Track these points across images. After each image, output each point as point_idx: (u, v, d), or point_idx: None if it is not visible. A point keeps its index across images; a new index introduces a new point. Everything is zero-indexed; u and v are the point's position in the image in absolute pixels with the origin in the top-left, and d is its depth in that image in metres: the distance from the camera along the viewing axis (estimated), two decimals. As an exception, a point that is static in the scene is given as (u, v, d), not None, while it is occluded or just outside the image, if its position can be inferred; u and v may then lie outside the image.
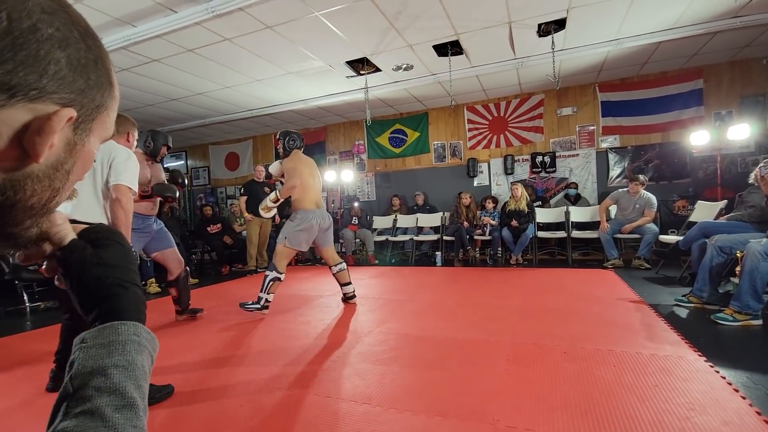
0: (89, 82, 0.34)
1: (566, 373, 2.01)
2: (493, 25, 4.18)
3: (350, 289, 3.73)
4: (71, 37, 0.32)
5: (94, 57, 0.34)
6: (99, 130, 0.38)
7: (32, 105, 0.30)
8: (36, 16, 0.30)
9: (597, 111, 6.29)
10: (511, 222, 5.64)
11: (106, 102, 0.37)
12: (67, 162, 0.36)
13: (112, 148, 2.10)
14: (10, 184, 0.32)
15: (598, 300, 3.42)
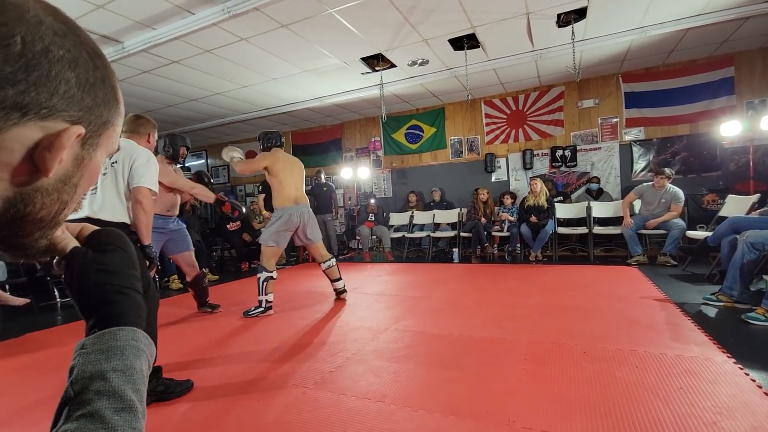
0: (96, 99, 0.35)
1: (586, 373, 1.96)
2: (511, 17, 4.08)
3: (341, 284, 3.80)
4: (80, 57, 0.34)
5: (101, 76, 0.36)
6: (105, 145, 0.39)
7: (43, 123, 0.31)
8: (48, 39, 0.31)
9: (620, 102, 6.08)
10: (530, 218, 5.53)
11: (113, 118, 0.38)
12: (75, 176, 0.37)
13: (133, 149, 2.14)
14: (20, 198, 0.33)
15: (620, 298, 3.32)
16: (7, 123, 0.29)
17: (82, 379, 0.37)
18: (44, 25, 0.31)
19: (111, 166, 2.07)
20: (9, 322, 3.52)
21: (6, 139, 0.30)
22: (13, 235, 0.36)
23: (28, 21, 0.30)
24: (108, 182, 2.05)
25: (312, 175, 8.05)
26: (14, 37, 0.29)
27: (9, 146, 0.30)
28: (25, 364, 2.58)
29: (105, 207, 2.02)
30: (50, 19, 0.32)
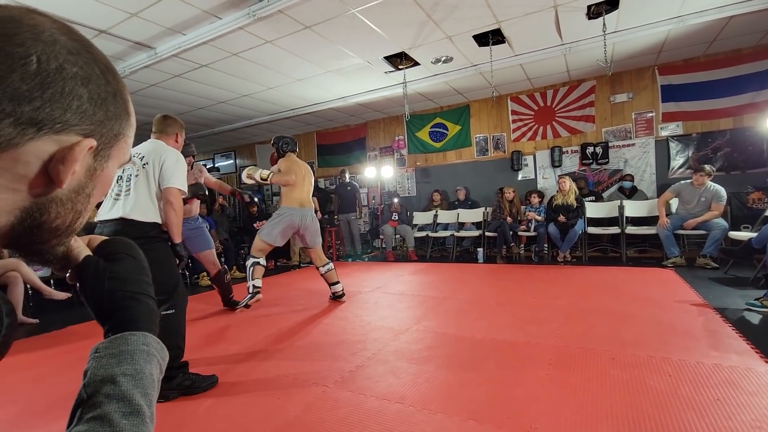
0: (108, 113, 0.37)
1: (614, 381, 1.88)
2: (538, 11, 3.96)
3: (339, 288, 3.79)
4: (93, 74, 0.35)
5: (113, 90, 0.37)
6: (117, 156, 0.41)
7: (57, 137, 0.33)
8: (62, 57, 0.33)
9: (656, 96, 5.79)
10: (557, 217, 5.36)
11: (124, 130, 0.40)
12: (88, 186, 0.39)
13: (162, 150, 2.19)
14: (36, 208, 0.35)
15: (654, 302, 3.17)
16: (23, 138, 0.31)
17: (94, 383, 0.38)
18: (59, 44, 0.33)
19: (143, 168, 2.13)
20: (52, 315, 3.75)
21: (22, 153, 0.32)
22: (31, 243, 0.38)
23: (43, 41, 0.32)
24: (140, 183, 2.10)
25: (336, 175, 8.13)
26: (30, 56, 0.31)
27: (25, 159, 0.32)
28: (66, 356, 2.74)
29: (137, 208, 2.07)
30: (64, 38, 0.34)
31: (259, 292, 3.46)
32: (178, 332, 2.10)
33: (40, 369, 2.50)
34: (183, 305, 2.17)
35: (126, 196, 2.08)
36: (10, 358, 2.65)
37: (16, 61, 0.30)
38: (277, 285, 4.96)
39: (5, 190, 0.32)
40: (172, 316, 2.06)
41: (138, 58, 4.36)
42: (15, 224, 0.35)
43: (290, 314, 3.47)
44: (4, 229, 0.34)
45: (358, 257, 7.08)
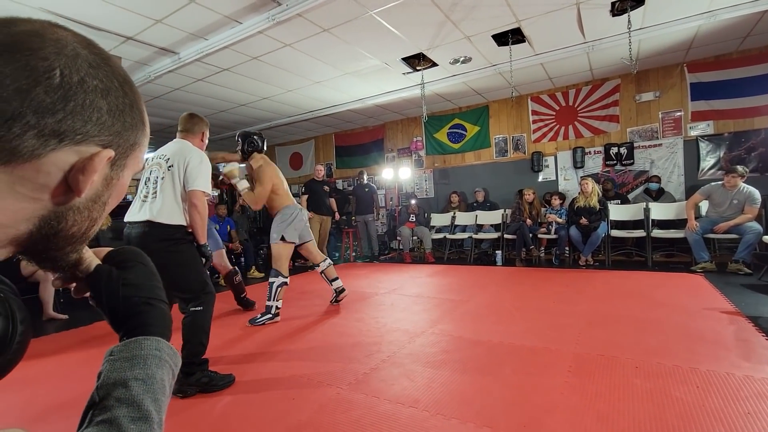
0: (125, 124, 0.38)
1: (637, 390, 1.81)
2: (559, 8, 3.87)
3: (339, 283, 3.73)
4: (112, 86, 0.36)
5: (130, 102, 0.38)
6: (132, 165, 0.42)
7: (77, 147, 0.34)
8: (84, 71, 0.34)
9: (685, 94, 5.58)
10: (579, 220, 5.23)
11: (139, 140, 0.41)
12: (104, 194, 0.40)
13: (186, 151, 2.21)
14: (55, 216, 0.36)
15: (682, 308, 3.04)
16: (46, 149, 0.32)
17: (106, 386, 0.40)
18: (80, 58, 0.34)
19: (168, 170, 2.16)
20: (81, 312, 3.90)
21: (44, 163, 0.33)
22: (47, 250, 0.39)
23: (66, 55, 0.33)
24: (166, 186, 2.13)
25: (354, 176, 8.17)
26: (54, 70, 0.32)
27: (47, 170, 0.33)
28: (93, 351, 2.84)
29: (163, 210, 2.10)
30: (85, 52, 0.35)
31: (278, 314, 3.32)
32: (204, 330, 2.14)
33: (67, 363, 2.60)
34: (211, 304, 2.20)
35: (153, 198, 2.12)
36: (40, 353, 2.77)
37: (41, 74, 0.31)
38: (295, 285, 5.01)
39: (26, 199, 0.33)
40: (199, 313, 2.12)
41: (163, 63, 4.49)
42: (33, 232, 0.35)
43: (307, 314, 3.50)
44: (22, 236, 0.35)
45: (375, 258, 7.08)
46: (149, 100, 5.78)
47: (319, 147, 9.19)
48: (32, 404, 2.02)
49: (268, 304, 3.29)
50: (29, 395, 2.12)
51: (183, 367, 1.96)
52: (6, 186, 0.32)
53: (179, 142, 2.29)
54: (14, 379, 2.31)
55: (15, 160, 0.31)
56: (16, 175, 0.32)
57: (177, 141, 2.32)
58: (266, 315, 3.27)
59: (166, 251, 2.08)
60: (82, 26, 3.57)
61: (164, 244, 2.08)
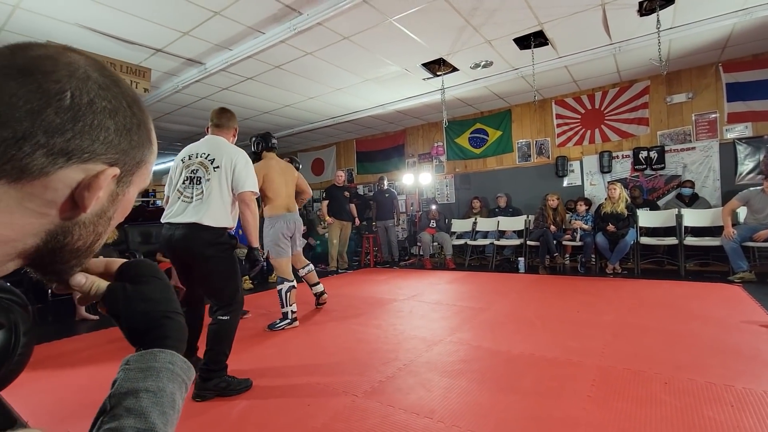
0: (132, 143, 0.39)
1: (666, 408, 1.71)
2: (583, 10, 3.78)
3: (320, 288, 3.79)
4: (120, 107, 0.38)
5: (137, 121, 0.40)
6: (138, 182, 0.43)
7: (84, 165, 0.35)
8: (94, 93, 0.36)
9: (720, 95, 5.31)
10: (606, 226, 5.04)
11: (146, 157, 0.42)
12: (110, 210, 0.41)
13: (231, 151, 2.20)
14: (61, 230, 0.37)
15: (717, 321, 2.87)
16: (54, 167, 0.34)
17: (118, 395, 0.40)
18: (91, 80, 0.36)
19: (214, 171, 2.13)
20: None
21: (52, 180, 0.34)
22: (52, 263, 0.40)
23: (78, 77, 0.35)
24: (213, 187, 2.11)
25: (375, 182, 8.20)
26: (65, 92, 0.34)
27: (54, 186, 0.34)
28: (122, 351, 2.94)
29: (211, 213, 2.09)
30: (96, 74, 0.37)
31: (296, 319, 3.37)
32: (228, 339, 2.15)
33: (97, 363, 2.70)
34: (238, 313, 2.22)
35: (199, 200, 2.11)
36: (72, 353, 2.89)
37: (52, 96, 0.33)
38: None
39: (34, 214, 0.35)
40: (226, 323, 2.12)
41: (190, 74, 4.65)
42: (40, 246, 0.37)
43: (325, 320, 3.51)
44: (29, 250, 0.37)
45: (395, 263, 7.06)
46: (177, 109, 6.00)
47: (341, 153, 9.27)
48: (62, 403, 2.10)
49: (283, 311, 3.33)
50: (60, 395, 2.21)
51: (202, 372, 2.01)
52: (15, 202, 0.33)
53: (216, 139, 2.27)
54: (45, 379, 2.42)
55: (25, 178, 0.33)
56: (26, 192, 0.33)
57: (212, 137, 2.29)
58: (284, 320, 3.31)
59: (212, 257, 2.10)
60: (115, 40, 3.75)
61: (211, 250, 2.10)
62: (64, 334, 3.41)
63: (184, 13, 3.39)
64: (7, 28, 3.44)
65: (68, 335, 3.40)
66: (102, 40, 3.73)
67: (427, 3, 3.47)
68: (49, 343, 3.18)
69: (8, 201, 0.33)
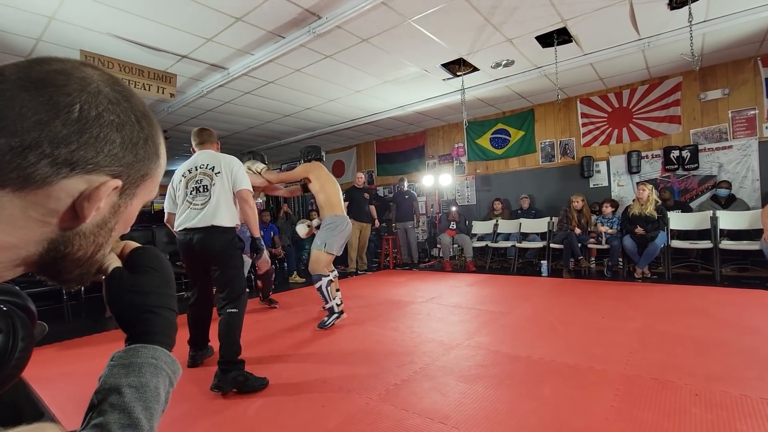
0: (137, 156, 0.40)
1: (695, 421, 1.62)
2: (609, 5, 3.65)
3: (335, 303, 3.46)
4: (128, 121, 0.39)
5: (145, 136, 0.41)
6: (143, 195, 0.44)
7: (88, 176, 0.36)
8: (102, 107, 0.37)
9: (759, 91, 5.03)
10: (634, 229, 4.85)
11: (152, 171, 0.43)
12: (111, 221, 0.42)
13: (228, 159, 2.48)
14: (62, 240, 0.38)
15: (754, 330, 2.71)
16: (57, 176, 0.35)
17: (103, 390, 0.41)
18: (102, 95, 0.37)
19: (216, 176, 2.39)
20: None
21: (55, 189, 0.35)
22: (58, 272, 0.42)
23: (89, 92, 0.36)
24: (220, 191, 2.36)
25: (395, 183, 8.19)
26: (74, 105, 0.35)
27: (57, 196, 0.35)
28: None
29: (223, 215, 2.36)
30: (108, 89, 0.38)
31: (342, 311, 3.41)
32: (238, 329, 2.29)
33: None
34: (245, 304, 2.39)
35: (209, 205, 2.34)
36: (97, 345, 3.01)
37: (61, 108, 0.34)
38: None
39: (36, 222, 0.36)
40: (235, 315, 2.29)
41: (213, 79, 4.78)
42: (42, 254, 0.38)
43: (342, 321, 3.52)
44: (32, 258, 0.38)
45: (414, 265, 7.02)
46: (202, 113, 6.17)
47: (361, 155, 9.31)
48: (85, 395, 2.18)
49: (327, 307, 3.38)
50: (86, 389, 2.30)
51: (221, 365, 2.11)
52: (19, 210, 0.34)
53: (208, 152, 2.53)
54: (73, 372, 2.52)
55: (28, 186, 0.34)
56: (29, 201, 0.34)
57: (204, 152, 2.54)
58: (332, 316, 3.35)
59: (227, 254, 2.35)
60: (143, 48, 3.89)
61: (226, 248, 2.36)
62: (95, 330, 3.55)
63: (207, 20, 3.49)
64: (44, 38, 3.63)
65: (98, 331, 3.55)
66: (131, 48, 3.88)
67: (446, 3, 3.43)
68: (80, 338, 3.32)
69: (12, 209, 0.34)
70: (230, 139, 8.00)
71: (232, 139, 8.00)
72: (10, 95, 0.33)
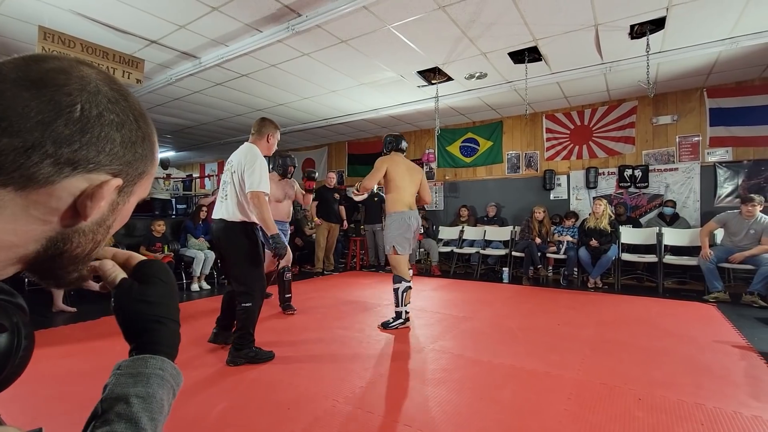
0: (136, 155, 0.41)
1: (638, 424, 1.76)
2: (577, 29, 3.87)
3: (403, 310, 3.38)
4: (127, 120, 0.39)
5: (143, 135, 0.41)
6: (139, 192, 0.44)
7: (89, 175, 0.37)
8: (103, 106, 0.37)
9: (704, 119, 5.49)
10: (590, 241, 5.15)
11: (147, 169, 0.43)
12: (109, 219, 0.42)
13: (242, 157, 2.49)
14: (61, 238, 0.38)
15: (691, 339, 2.96)
16: (60, 176, 0.35)
17: (109, 399, 0.41)
18: (101, 94, 0.37)
19: (232, 174, 2.51)
20: (90, 305, 3.96)
21: (57, 189, 0.35)
22: (52, 269, 0.41)
23: (89, 91, 0.36)
24: (231, 188, 2.50)
25: (365, 185, 8.18)
26: (76, 105, 0.35)
27: (59, 195, 0.35)
28: (99, 345, 2.88)
29: (229, 210, 2.50)
30: (106, 88, 0.38)
31: (409, 319, 3.33)
32: (253, 322, 2.51)
33: (72, 357, 2.64)
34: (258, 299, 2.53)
35: (224, 200, 2.54)
36: (47, 345, 2.82)
37: (63, 108, 0.34)
38: (300, 291, 5.02)
39: (37, 221, 0.36)
40: (249, 309, 2.48)
41: (184, 67, 4.60)
42: (40, 252, 0.38)
43: (308, 322, 3.50)
44: (29, 256, 0.37)
45: (381, 268, 7.07)
46: (169, 101, 5.92)
47: (332, 154, 9.26)
48: (35, 397, 2.05)
49: (397, 310, 3.31)
50: (32, 388, 2.15)
51: (235, 344, 2.49)
52: (21, 209, 0.34)
53: (245, 146, 2.58)
54: (19, 371, 2.34)
55: (31, 186, 0.34)
56: (31, 200, 0.34)
57: (245, 145, 2.59)
58: (398, 320, 3.30)
59: (231, 246, 2.51)
60: (109, 29, 3.69)
61: (231, 240, 2.51)
62: (40, 326, 3.32)
63: (181, 6, 3.36)
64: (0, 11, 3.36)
65: (44, 327, 3.32)
66: (95, 28, 3.67)
67: (426, 13, 3.51)
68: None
69: (14, 208, 0.34)
70: (197, 129, 7.72)
71: (200, 129, 7.72)
72: (11, 95, 0.33)
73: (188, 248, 5.24)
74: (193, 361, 2.55)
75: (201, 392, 2.09)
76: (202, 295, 4.83)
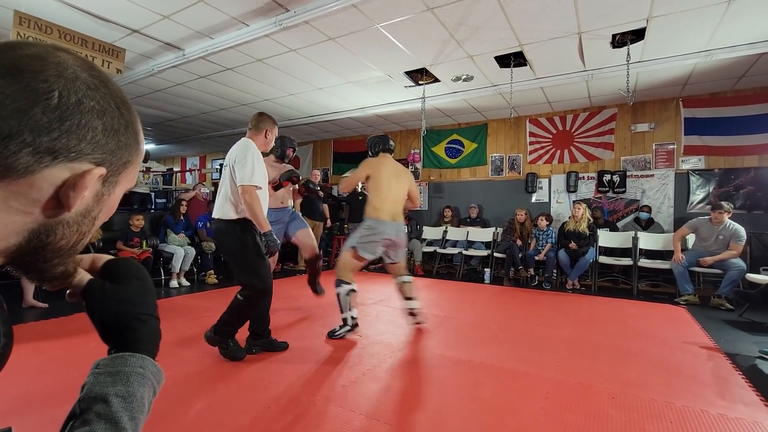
0: (119, 143, 0.39)
1: (611, 422, 1.82)
2: (562, 36, 3.95)
3: (414, 304, 3.31)
4: (108, 107, 0.38)
5: (125, 122, 0.40)
6: (125, 182, 0.43)
7: (71, 164, 0.35)
8: (81, 93, 0.35)
9: (679, 128, 5.70)
10: (569, 243, 5.27)
11: (132, 158, 0.42)
12: (94, 210, 0.41)
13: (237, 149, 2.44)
14: (44, 229, 0.37)
15: (662, 340, 3.07)
16: (40, 165, 0.33)
17: (88, 399, 0.40)
18: (79, 81, 0.36)
19: (224, 169, 2.47)
20: (62, 301, 3.83)
21: (38, 179, 0.34)
22: (34, 262, 0.40)
23: (66, 77, 0.35)
24: (223, 185, 2.46)
25: (350, 183, 8.16)
26: (53, 92, 0.33)
27: (39, 185, 0.34)
28: (71, 342, 2.79)
29: (218, 207, 2.47)
30: (85, 75, 0.36)
31: (357, 324, 3.05)
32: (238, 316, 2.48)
33: (43, 355, 2.55)
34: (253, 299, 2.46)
35: (217, 197, 2.50)
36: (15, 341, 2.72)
37: (40, 95, 0.33)
38: (281, 289, 4.97)
39: (18, 213, 0.34)
40: (240, 301, 2.45)
41: (167, 58, 4.50)
42: (22, 244, 0.37)
43: (290, 321, 3.48)
44: (11, 248, 0.36)
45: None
46: (150, 93, 5.77)
47: (317, 152, 9.21)
48: (4, 396, 1.97)
49: (342, 316, 3.04)
50: (1, 386, 2.07)
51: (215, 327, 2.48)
52: (0, 201, 0.33)
53: (241, 140, 2.51)
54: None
55: (10, 176, 0.32)
56: (10, 191, 0.33)
57: (241, 139, 2.53)
58: (344, 327, 3.02)
59: (223, 243, 2.51)
60: (89, 16, 3.57)
61: (223, 239, 2.49)
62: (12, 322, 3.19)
63: (166, -4, 3.28)
64: (-33, -10, 3.21)
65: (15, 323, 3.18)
66: (75, 14, 3.54)
67: (415, 14, 3.52)
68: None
69: None
70: (179, 122, 7.55)
71: (182, 122, 7.56)
72: None
73: (167, 243, 5.13)
74: (169, 359, 2.50)
75: (179, 391, 2.06)
76: (181, 291, 4.73)
